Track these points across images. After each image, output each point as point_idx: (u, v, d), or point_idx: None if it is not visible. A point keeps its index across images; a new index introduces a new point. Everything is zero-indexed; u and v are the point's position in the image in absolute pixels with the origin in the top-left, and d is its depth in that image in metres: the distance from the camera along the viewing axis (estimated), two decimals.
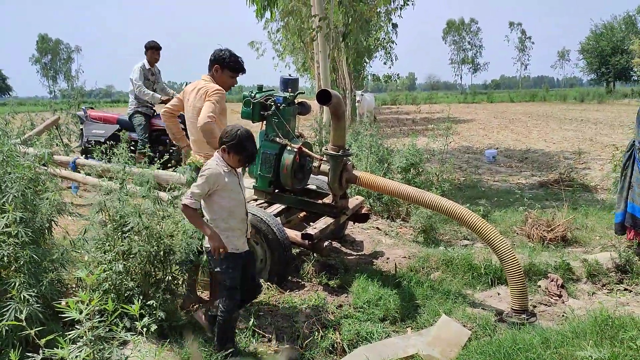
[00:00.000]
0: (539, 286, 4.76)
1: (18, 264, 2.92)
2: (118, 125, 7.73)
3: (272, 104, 4.76)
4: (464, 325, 4.09)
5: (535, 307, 4.41)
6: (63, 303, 1.82)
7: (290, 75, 5.18)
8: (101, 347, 1.59)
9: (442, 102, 46.68)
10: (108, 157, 3.98)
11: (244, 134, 3.27)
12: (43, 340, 1.53)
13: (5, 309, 2.78)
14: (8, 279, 2.90)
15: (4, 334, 2.81)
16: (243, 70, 4.21)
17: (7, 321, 2.75)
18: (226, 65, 4.10)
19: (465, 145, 15.42)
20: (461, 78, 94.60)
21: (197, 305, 4.04)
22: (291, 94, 4.95)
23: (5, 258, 2.88)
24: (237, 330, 3.76)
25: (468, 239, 6.27)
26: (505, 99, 48.29)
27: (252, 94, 4.81)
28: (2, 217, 2.85)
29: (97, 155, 4.52)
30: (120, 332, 1.67)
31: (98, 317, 1.64)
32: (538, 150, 13.97)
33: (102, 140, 7.36)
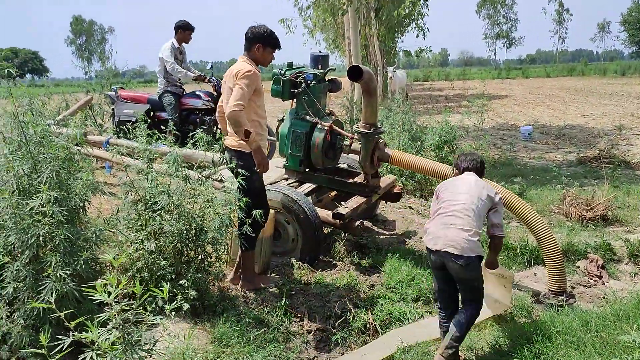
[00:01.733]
0: (578, 267, 4.63)
1: (54, 243, 2.96)
2: (149, 105, 7.78)
3: (302, 81, 4.69)
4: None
5: (574, 288, 4.29)
6: (99, 281, 1.82)
7: (320, 51, 5.07)
8: (130, 330, 1.58)
9: (476, 78, 45.67)
10: (135, 136, 3.97)
11: None
12: (73, 323, 1.52)
13: (42, 287, 2.83)
14: (44, 257, 2.94)
15: (41, 312, 2.87)
16: (280, 46, 4.06)
17: (44, 299, 2.81)
18: (268, 43, 3.93)
19: (499, 122, 15.05)
20: (495, 53, 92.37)
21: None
22: (321, 70, 4.87)
23: (41, 237, 2.91)
24: (269, 310, 3.76)
25: (504, 218, 6.12)
26: (541, 74, 46.91)
27: (282, 72, 4.74)
28: (37, 197, 2.87)
29: (126, 135, 4.54)
30: (148, 316, 1.65)
31: (127, 300, 1.63)
32: (576, 127, 13.54)
33: (134, 119, 7.43)
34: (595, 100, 20.80)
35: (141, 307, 1.69)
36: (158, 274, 3.53)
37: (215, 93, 7.64)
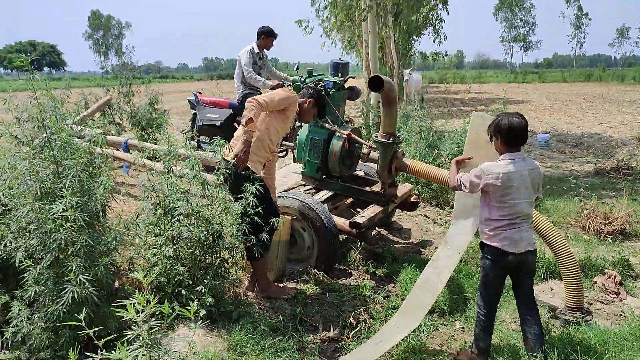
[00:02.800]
0: (595, 282, 4.58)
1: (75, 248, 2.99)
2: (231, 110, 7.78)
3: (322, 89, 4.69)
4: (515, 321, 3.98)
5: (591, 304, 4.25)
6: (117, 284, 1.83)
7: (340, 59, 5.07)
8: (157, 349, 1.60)
9: (491, 82, 45.43)
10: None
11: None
12: (102, 342, 1.54)
13: (63, 292, 2.86)
14: (65, 261, 2.97)
15: (61, 315, 2.90)
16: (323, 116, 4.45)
17: (64, 303, 2.84)
18: (318, 105, 4.28)
19: None
20: (512, 56, 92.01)
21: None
22: (341, 78, 4.87)
23: (63, 242, 2.95)
24: (284, 318, 3.77)
25: None
26: (558, 79, 46.56)
27: (302, 79, 4.75)
28: (60, 202, 2.91)
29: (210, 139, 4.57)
30: (175, 337, 1.67)
31: (154, 318, 1.65)
32: (594, 135, 13.40)
33: (217, 124, 7.52)
34: (613, 107, 20.59)
35: (167, 331, 1.70)
36: (175, 279, 3.56)
37: None
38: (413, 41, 25.62)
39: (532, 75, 51.23)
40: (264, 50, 7.48)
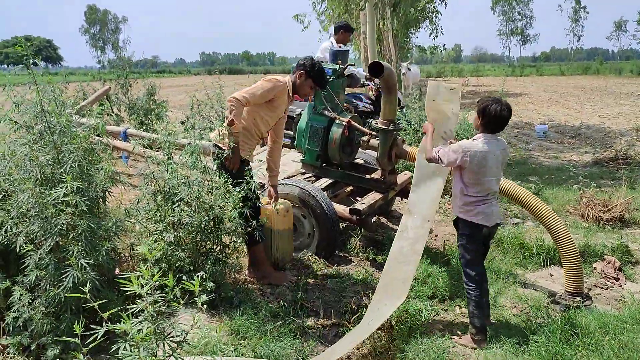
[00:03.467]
0: (595, 268, 4.60)
1: (76, 233, 2.99)
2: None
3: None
4: (515, 306, 4.00)
5: (590, 290, 4.26)
6: (117, 271, 1.83)
7: (340, 46, 5.06)
8: (161, 322, 1.60)
9: (489, 75, 45.39)
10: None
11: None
12: (106, 314, 1.54)
13: (64, 276, 2.86)
14: (66, 246, 2.97)
15: (62, 300, 2.91)
16: (324, 85, 4.26)
17: (65, 288, 2.85)
18: (307, 75, 4.08)
19: (514, 120, 14.95)
20: (509, 50, 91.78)
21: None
22: (341, 66, 4.86)
23: (64, 227, 2.94)
24: (285, 304, 3.78)
25: (518, 217, 6.10)
26: (556, 72, 46.56)
27: None
28: (61, 187, 2.90)
29: None
30: (180, 309, 1.67)
31: (158, 292, 1.65)
32: (592, 126, 13.42)
33: (294, 115, 7.53)
34: (611, 100, 20.60)
35: (171, 302, 1.70)
36: (176, 265, 3.55)
37: (374, 97, 7.52)
38: (411, 34, 25.58)
39: (530, 69, 51.20)
40: (341, 45, 7.39)
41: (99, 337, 1.49)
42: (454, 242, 5.05)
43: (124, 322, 1.47)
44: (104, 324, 1.51)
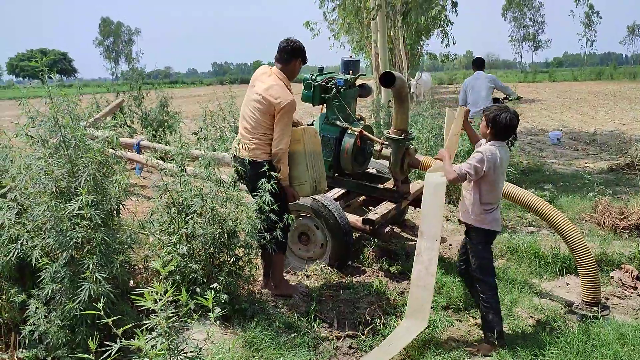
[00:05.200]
0: (612, 277, 4.54)
1: (91, 246, 3.01)
2: None
3: (333, 86, 4.69)
4: (530, 317, 3.96)
5: (607, 299, 4.21)
6: (132, 283, 1.84)
7: (351, 56, 5.06)
8: (175, 337, 1.60)
9: (502, 81, 45.15)
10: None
11: None
12: (120, 330, 1.54)
13: (79, 289, 2.88)
14: (81, 260, 2.99)
15: (78, 312, 2.92)
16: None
17: (81, 301, 2.86)
18: (305, 59, 4.02)
19: (527, 127, 14.87)
20: (521, 56, 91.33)
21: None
22: (352, 76, 4.86)
23: (79, 240, 2.96)
24: (298, 315, 3.77)
25: (533, 226, 6.04)
26: (569, 78, 46.23)
27: (313, 77, 4.75)
28: (76, 201, 2.92)
29: None
30: (193, 323, 1.67)
31: (172, 307, 1.65)
32: (606, 132, 13.30)
33: None
34: (625, 105, 20.42)
35: (185, 318, 1.71)
36: (190, 277, 3.56)
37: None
38: (422, 42, 25.55)
39: (543, 75, 50.89)
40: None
41: (113, 353, 1.50)
42: None
43: (138, 338, 1.48)
44: (118, 339, 1.52)
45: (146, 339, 1.52)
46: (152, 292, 1.57)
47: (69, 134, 3.17)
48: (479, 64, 8.68)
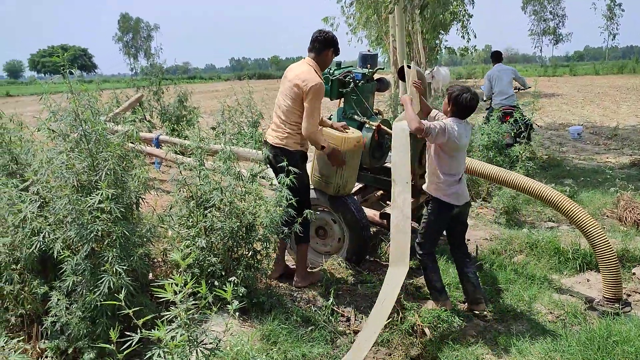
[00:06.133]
0: (634, 274, 4.47)
1: (110, 239, 3.04)
2: None
3: (351, 80, 4.67)
4: (550, 313, 3.92)
5: (629, 296, 4.15)
6: (151, 276, 1.86)
7: (369, 50, 5.03)
8: (194, 329, 1.61)
9: (522, 76, 44.57)
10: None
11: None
12: (141, 321, 1.56)
13: (99, 281, 2.92)
14: (101, 252, 3.02)
15: (98, 305, 2.96)
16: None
17: (101, 293, 2.90)
18: (336, 49, 4.13)
19: (547, 122, 14.68)
20: (541, 50, 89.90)
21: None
22: (370, 70, 4.83)
23: (99, 233, 3.00)
24: (316, 309, 3.78)
25: (553, 221, 5.97)
26: (590, 72, 45.48)
27: (331, 71, 4.73)
28: (97, 194, 2.96)
29: None
30: (212, 315, 1.68)
31: (192, 299, 1.66)
32: (628, 127, 13.06)
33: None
34: None
35: (204, 310, 1.72)
36: (208, 270, 3.59)
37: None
38: (440, 36, 25.31)
39: (563, 69, 50.14)
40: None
41: (133, 343, 1.51)
42: (486, 246, 4.98)
43: (158, 329, 1.49)
44: (138, 330, 1.54)
45: (166, 330, 1.53)
46: (172, 283, 1.59)
47: (89, 129, 3.21)
48: (497, 56, 9.16)
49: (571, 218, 4.08)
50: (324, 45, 4.02)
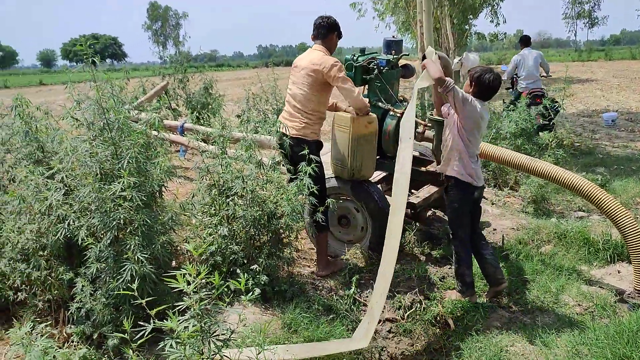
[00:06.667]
0: None
1: (132, 227, 3.07)
2: None
3: (375, 67, 4.59)
4: (578, 305, 3.83)
5: None
6: (179, 271, 1.86)
7: (394, 36, 4.93)
8: (207, 320, 1.61)
9: (554, 61, 43.55)
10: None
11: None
12: (153, 311, 1.56)
13: (122, 269, 2.95)
14: (124, 240, 3.06)
15: (121, 291, 2.99)
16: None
17: (123, 280, 2.93)
18: (340, 32, 4.22)
19: (580, 108, 14.29)
20: (575, 34, 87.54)
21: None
22: (394, 56, 4.75)
23: (121, 221, 3.03)
24: (337, 298, 3.77)
25: (583, 210, 5.82)
26: (627, 56, 44.01)
27: (355, 57, 4.66)
28: (118, 183, 2.98)
29: None
30: (225, 307, 1.67)
31: (204, 289, 1.65)
32: None
33: None
34: None
35: (217, 301, 1.71)
36: (230, 258, 3.60)
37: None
38: (469, 21, 24.82)
39: (598, 53, 48.69)
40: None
41: (146, 334, 1.51)
42: (513, 236, 4.89)
43: (170, 320, 1.49)
44: (151, 320, 1.54)
45: (179, 320, 1.53)
46: (184, 274, 1.58)
47: (112, 117, 3.23)
48: (526, 41, 9.17)
49: (601, 207, 3.96)
50: (327, 30, 4.10)
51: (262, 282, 3.50)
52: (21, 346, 2.66)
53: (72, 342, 3.17)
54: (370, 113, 4.24)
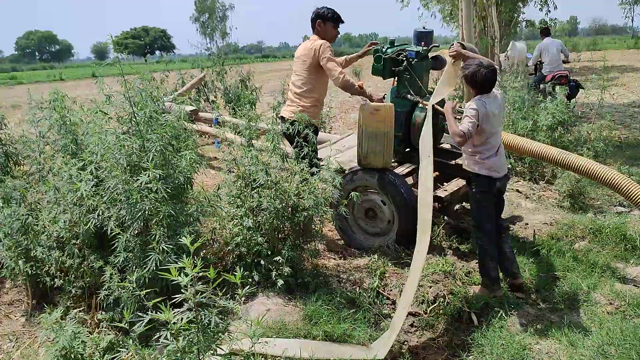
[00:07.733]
0: None
1: (158, 218, 3.17)
2: None
3: (404, 59, 4.55)
4: (610, 303, 3.71)
5: None
6: (174, 265, 1.92)
7: (424, 27, 4.87)
8: (203, 313, 1.66)
9: (608, 49, 41.80)
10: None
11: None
12: (150, 303, 1.62)
13: (147, 259, 3.06)
14: (149, 231, 3.16)
15: (147, 281, 3.11)
16: (342, 20, 4.83)
17: (149, 270, 3.04)
18: (328, 19, 4.70)
19: (631, 98, 13.71)
20: (632, 20, 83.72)
21: None
22: (424, 48, 4.69)
23: (147, 212, 3.13)
24: (361, 291, 3.78)
25: (623, 205, 5.62)
26: None
27: (383, 49, 4.63)
28: (144, 175, 3.08)
29: None
30: (220, 300, 1.72)
31: (201, 282, 1.70)
32: None
33: None
34: None
35: (211, 295, 1.75)
36: (255, 249, 3.67)
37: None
38: (518, 8, 24.06)
39: None
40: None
41: (143, 325, 1.58)
42: (545, 231, 4.77)
43: (164, 313, 1.55)
44: (148, 312, 1.60)
45: (173, 313, 1.58)
46: (179, 267, 1.63)
47: (140, 111, 3.33)
48: (546, 31, 10.77)
49: (627, 195, 3.83)
50: (312, 21, 4.72)
51: (286, 274, 3.56)
52: (52, 331, 2.81)
53: (102, 327, 3.31)
54: (374, 98, 4.47)
